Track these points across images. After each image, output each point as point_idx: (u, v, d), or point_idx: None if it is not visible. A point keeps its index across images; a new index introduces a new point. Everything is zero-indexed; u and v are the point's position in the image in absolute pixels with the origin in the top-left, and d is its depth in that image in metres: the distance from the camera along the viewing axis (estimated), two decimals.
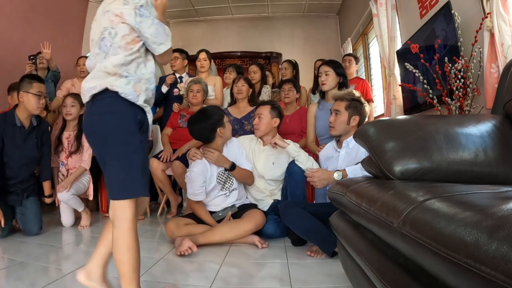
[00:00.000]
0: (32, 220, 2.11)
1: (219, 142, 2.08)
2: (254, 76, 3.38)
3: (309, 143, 2.62)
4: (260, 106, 2.27)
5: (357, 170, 1.69)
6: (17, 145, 2.16)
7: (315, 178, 1.79)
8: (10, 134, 2.14)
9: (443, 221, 0.50)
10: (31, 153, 2.21)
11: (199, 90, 2.85)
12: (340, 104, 1.96)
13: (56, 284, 1.30)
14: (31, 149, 2.21)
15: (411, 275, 0.61)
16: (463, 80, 1.92)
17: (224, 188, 2.11)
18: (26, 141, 2.19)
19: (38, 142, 2.25)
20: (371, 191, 0.84)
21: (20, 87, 2.13)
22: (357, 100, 1.95)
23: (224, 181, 2.11)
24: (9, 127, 2.14)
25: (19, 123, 2.15)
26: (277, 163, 2.23)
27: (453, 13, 2.07)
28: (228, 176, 2.12)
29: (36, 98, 2.12)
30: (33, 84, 2.12)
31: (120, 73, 1.07)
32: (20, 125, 2.16)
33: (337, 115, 1.94)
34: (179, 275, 1.45)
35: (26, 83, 2.12)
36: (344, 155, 1.94)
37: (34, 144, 2.23)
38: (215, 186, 2.07)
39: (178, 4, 5.33)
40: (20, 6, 3.73)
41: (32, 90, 2.11)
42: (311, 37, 5.71)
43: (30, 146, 2.20)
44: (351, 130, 1.92)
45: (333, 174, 1.76)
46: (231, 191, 2.13)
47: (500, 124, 1.02)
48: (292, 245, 1.88)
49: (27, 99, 2.11)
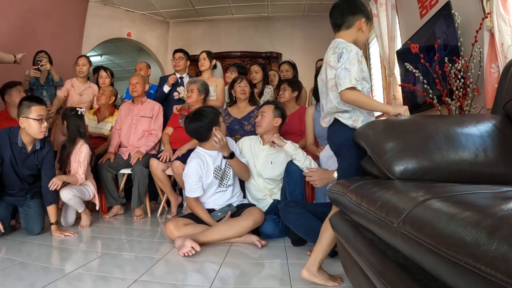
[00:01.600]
0: (35, 220, 2.09)
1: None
2: (256, 76, 3.38)
3: (308, 145, 2.62)
4: (265, 105, 2.31)
5: None
6: (17, 163, 2.09)
7: (316, 177, 1.80)
8: (10, 151, 2.05)
9: (443, 221, 0.50)
10: (30, 171, 2.15)
11: (193, 89, 2.85)
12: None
13: (56, 284, 1.30)
14: (30, 169, 2.14)
15: (411, 275, 0.61)
16: (463, 80, 1.92)
17: (221, 184, 2.15)
18: (25, 162, 2.11)
19: (39, 164, 2.16)
20: (371, 191, 0.84)
21: (19, 112, 2.02)
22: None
23: (221, 177, 2.14)
24: (12, 143, 2.06)
25: (20, 144, 2.06)
26: (275, 162, 2.25)
27: (453, 13, 2.07)
28: (225, 172, 2.15)
29: (37, 122, 2.00)
30: (31, 108, 1.99)
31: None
32: (22, 146, 2.07)
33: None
34: (179, 275, 1.45)
35: (25, 107, 1.99)
36: None
37: (34, 165, 2.15)
38: (212, 181, 2.10)
39: (178, 4, 5.33)
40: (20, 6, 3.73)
41: (31, 115, 1.99)
42: (311, 37, 5.70)
43: (29, 166, 2.13)
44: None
45: (333, 173, 1.77)
46: (228, 186, 2.18)
47: (500, 124, 1.02)
48: (292, 245, 1.88)
49: (28, 124, 2.00)
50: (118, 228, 2.47)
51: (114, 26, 5.22)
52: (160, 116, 3.03)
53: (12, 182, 2.13)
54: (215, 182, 2.12)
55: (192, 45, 5.26)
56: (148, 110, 3.01)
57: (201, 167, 2.07)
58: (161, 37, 5.89)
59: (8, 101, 2.81)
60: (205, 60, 3.28)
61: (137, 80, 3.00)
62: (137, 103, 3.03)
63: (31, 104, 2.00)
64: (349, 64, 1.43)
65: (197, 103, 2.90)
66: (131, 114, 3.01)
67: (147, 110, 3.01)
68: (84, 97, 3.39)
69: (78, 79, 3.40)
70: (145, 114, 2.99)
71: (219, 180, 2.14)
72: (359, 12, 1.52)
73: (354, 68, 1.43)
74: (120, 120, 3.04)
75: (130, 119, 2.99)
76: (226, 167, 2.18)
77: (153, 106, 3.04)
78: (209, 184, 2.10)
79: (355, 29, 1.53)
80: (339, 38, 1.56)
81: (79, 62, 3.39)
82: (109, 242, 2.00)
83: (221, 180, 2.15)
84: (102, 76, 3.44)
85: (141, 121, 2.97)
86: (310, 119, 2.63)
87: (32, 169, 2.15)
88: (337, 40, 1.54)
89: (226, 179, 2.17)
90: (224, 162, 2.17)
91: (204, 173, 2.08)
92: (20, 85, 2.84)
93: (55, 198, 2.17)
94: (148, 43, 5.74)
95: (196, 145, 2.66)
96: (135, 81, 2.98)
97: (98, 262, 1.60)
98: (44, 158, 2.16)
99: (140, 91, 2.98)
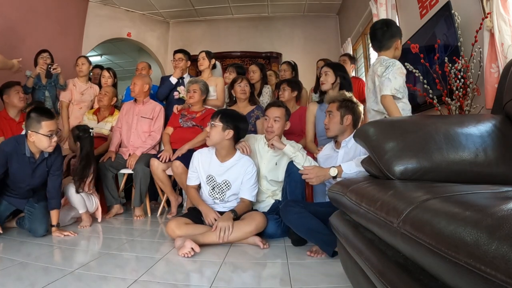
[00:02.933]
0: (40, 220, 2.05)
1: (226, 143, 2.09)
2: (254, 76, 3.39)
3: (308, 142, 2.61)
4: (274, 109, 2.21)
5: (352, 165, 1.75)
6: (26, 174, 2.05)
7: (312, 175, 1.82)
8: (19, 161, 2.00)
9: (443, 221, 0.50)
10: (40, 179, 2.13)
11: (195, 90, 2.86)
12: (332, 105, 2.02)
13: (56, 284, 1.29)
14: (40, 177, 2.11)
15: (411, 275, 0.61)
16: (463, 80, 1.92)
17: (214, 197, 2.12)
18: (35, 171, 2.07)
19: (49, 170, 2.13)
20: (371, 191, 0.84)
21: (28, 124, 1.96)
22: (348, 100, 2.00)
23: (213, 187, 2.12)
24: (20, 155, 2.00)
25: (28, 154, 2.01)
26: (279, 164, 2.24)
27: (453, 13, 2.07)
28: (220, 189, 2.11)
29: (47, 138, 1.95)
30: (42, 124, 1.93)
31: None
32: (30, 156, 2.02)
33: (330, 116, 2.00)
34: (179, 275, 1.45)
35: (35, 121, 1.93)
36: (343, 154, 1.97)
37: (44, 173, 2.11)
38: (205, 185, 2.13)
39: (178, 4, 5.33)
40: (20, 6, 3.74)
41: (41, 130, 1.93)
42: (311, 37, 5.71)
43: (39, 174, 2.10)
44: (346, 130, 1.98)
45: (329, 170, 1.80)
46: (217, 199, 2.13)
47: (500, 124, 1.02)
48: (292, 245, 1.88)
49: (37, 139, 1.95)
50: (118, 228, 2.46)
51: (114, 26, 5.22)
52: (160, 117, 2.98)
53: (18, 190, 2.13)
54: (206, 187, 2.13)
55: (192, 45, 5.26)
56: (149, 111, 2.97)
57: (200, 159, 2.13)
58: (161, 37, 5.89)
59: (6, 101, 2.82)
60: (204, 60, 3.28)
61: (135, 80, 2.98)
62: (138, 103, 3.01)
63: (42, 119, 1.94)
64: (392, 75, 1.84)
65: (198, 103, 2.91)
66: (132, 113, 2.99)
67: (148, 111, 2.97)
68: (85, 96, 3.41)
69: (79, 78, 3.43)
70: (146, 115, 2.95)
71: (210, 187, 2.12)
72: (396, 35, 1.99)
73: (396, 80, 1.83)
74: (122, 118, 3.03)
75: (130, 118, 2.98)
76: (223, 184, 2.11)
77: (154, 107, 2.99)
78: (204, 182, 2.14)
79: (393, 48, 1.98)
80: (382, 56, 1.98)
81: (78, 62, 3.42)
82: (109, 242, 2.00)
83: (212, 189, 2.12)
84: (104, 76, 3.44)
85: (141, 121, 2.94)
86: (311, 115, 2.61)
87: (43, 176, 2.12)
88: (382, 57, 1.97)
89: (218, 193, 2.11)
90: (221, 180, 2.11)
91: (200, 169, 2.14)
92: (18, 85, 2.83)
93: (59, 204, 2.16)
94: (148, 43, 5.74)
95: (196, 145, 2.67)
96: (134, 81, 2.98)
97: (98, 262, 1.60)
98: (54, 163, 2.14)
99: (136, 91, 2.94)
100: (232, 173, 2.09)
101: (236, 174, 2.08)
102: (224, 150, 2.09)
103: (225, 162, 2.10)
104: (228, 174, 2.09)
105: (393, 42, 1.97)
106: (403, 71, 1.88)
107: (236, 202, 2.13)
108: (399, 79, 1.84)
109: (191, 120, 2.88)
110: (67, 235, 2.06)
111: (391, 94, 1.83)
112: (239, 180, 2.08)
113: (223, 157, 2.10)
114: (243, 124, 2.12)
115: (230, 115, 2.09)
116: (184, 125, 2.88)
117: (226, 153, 2.10)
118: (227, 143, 2.07)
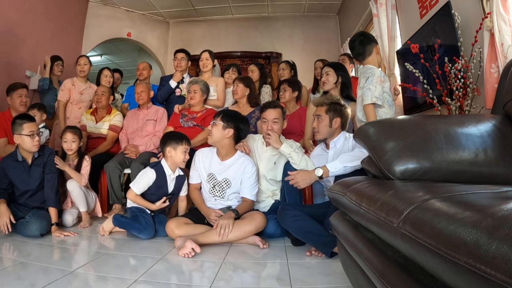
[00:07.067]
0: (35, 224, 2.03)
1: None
2: (252, 75, 3.38)
3: (306, 140, 2.62)
4: (271, 110, 2.19)
5: (337, 164, 1.80)
6: (23, 179, 2.20)
7: (298, 179, 1.86)
8: (14, 168, 2.19)
9: (443, 221, 0.50)
10: (38, 182, 2.23)
11: (196, 90, 2.88)
12: (320, 109, 2.04)
13: (56, 284, 1.29)
14: (37, 180, 2.23)
15: (411, 275, 0.61)
16: (463, 80, 1.92)
17: (213, 191, 2.14)
18: (31, 173, 2.22)
19: (44, 170, 2.26)
20: (371, 191, 0.84)
21: (13, 129, 2.19)
22: (336, 103, 2.02)
23: (214, 185, 2.13)
24: (13, 162, 2.20)
25: (20, 158, 2.20)
26: (278, 163, 2.24)
27: (453, 13, 2.07)
28: (221, 187, 2.12)
29: (29, 138, 2.16)
30: (23, 126, 2.16)
31: None
32: (22, 160, 2.21)
33: (319, 120, 2.02)
34: (179, 275, 1.45)
35: (17, 125, 2.17)
36: (332, 155, 2.02)
37: (40, 174, 2.24)
38: (206, 183, 2.15)
39: (178, 4, 5.33)
40: (20, 6, 3.73)
41: (24, 131, 2.15)
42: (311, 37, 5.71)
43: (36, 177, 2.23)
44: (335, 132, 2.03)
45: (313, 173, 1.83)
46: (217, 196, 2.14)
47: (500, 124, 1.02)
48: (292, 245, 1.88)
49: (21, 140, 2.17)
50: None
51: (114, 26, 5.22)
52: (164, 119, 3.12)
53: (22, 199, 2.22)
54: (207, 185, 2.15)
55: (192, 45, 5.26)
56: (153, 113, 3.11)
57: (201, 158, 2.16)
58: (161, 37, 5.89)
59: (9, 103, 2.85)
60: (208, 60, 3.28)
61: (142, 88, 3.12)
62: (142, 109, 3.14)
63: (23, 122, 2.18)
64: (373, 85, 1.99)
65: (199, 104, 2.92)
66: (137, 118, 3.11)
67: (152, 114, 3.11)
68: (84, 96, 3.41)
69: (78, 78, 3.42)
70: (151, 118, 3.09)
71: (210, 185, 2.14)
72: (372, 41, 2.16)
73: (376, 89, 1.98)
74: (127, 125, 3.13)
75: (136, 124, 3.09)
76: (223, 182, 2.13)
77: (158, 110, 3.15)
78: (205, 180, 2.15)
79: (375, 53, 2.13)
80: (367, 64, 2.11)
81: (80, 62, 3.40)
82: (109, 242, 2.00)
83: (213, 187, 2.13)
84: (107, 75, 3.46)
85: (147, 124, 3.07)
86: (311, 115, 2.62)
87: (40, 179, 2.24)
88: (366, 66, 2.10)
89: (219, 191, 2.13)
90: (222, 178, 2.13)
91: (201, 167, 2.15)
92: (23, 89, 2.87)
93: (56, 203, 2.24)
94: (148, 43, 5.74)
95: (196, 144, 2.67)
96: (140, 90, 3.10)
97: (98, 262, 1.60)
98: (47, 162, 2.26)
99: (146, 99, 3.11)
100: (232, 172, 2.11)
101: (236, 172, 2.11)
102: (224, 149, 2.12)
103: (225, 160, 2.13)
104: (228, 172, 2.11)
105: (372, 47, 2.14)
106: (382, 79, 2.03)
107: (237, 200, 2.14)
108: (379, 87, 1.99)
109: (192, 120, 2.89)
110: (67, 235, 2.07)
111: (371, 102, 1.98)
112: (239, 179, 2.10)
113: (224, 156, 2.14)
114: (244, 124, 2.14)
115: (231, 115, 2.13)
116: (184, 125, 2.88)
117: (227, 152, 2.13)
118: (228, 142, 2.10)
